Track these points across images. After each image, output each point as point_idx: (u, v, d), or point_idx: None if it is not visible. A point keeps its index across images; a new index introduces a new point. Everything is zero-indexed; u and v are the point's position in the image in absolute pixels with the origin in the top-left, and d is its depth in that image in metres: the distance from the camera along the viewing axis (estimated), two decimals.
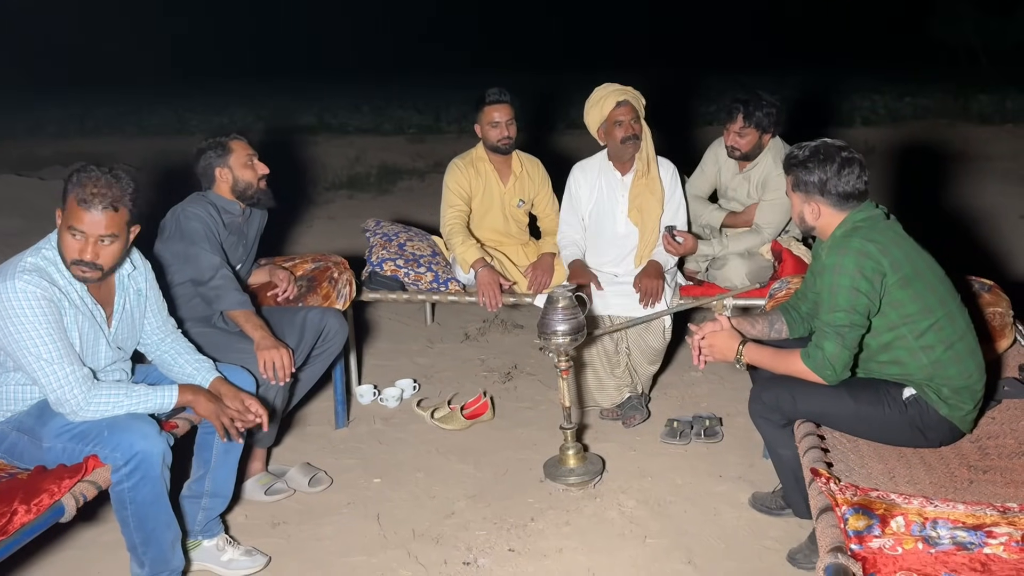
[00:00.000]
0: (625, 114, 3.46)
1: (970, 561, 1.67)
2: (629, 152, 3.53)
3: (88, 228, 2.26)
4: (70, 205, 2.26)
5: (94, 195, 2.24)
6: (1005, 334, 2.88)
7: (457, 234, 3.74)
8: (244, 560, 2.68)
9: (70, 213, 2.26)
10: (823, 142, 2.43)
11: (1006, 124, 10.18)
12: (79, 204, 2.24)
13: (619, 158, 3.58)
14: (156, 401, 2.39)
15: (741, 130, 3.62)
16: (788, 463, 2.57)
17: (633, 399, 3.61)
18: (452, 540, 2.82)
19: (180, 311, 2.92)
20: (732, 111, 3.64)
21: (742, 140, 3.64)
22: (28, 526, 2.10)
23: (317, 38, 23.31)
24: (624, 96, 3.47)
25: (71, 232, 2.27)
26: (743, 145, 3.65)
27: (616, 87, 3.51)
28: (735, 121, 3.62)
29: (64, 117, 13.25)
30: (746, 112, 3.58)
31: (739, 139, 3.64)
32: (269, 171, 3.11)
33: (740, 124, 3.61)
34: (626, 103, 3.46)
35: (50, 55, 20.37)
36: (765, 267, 3.62)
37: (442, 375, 4.19)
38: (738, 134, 3.63)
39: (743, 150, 3.66)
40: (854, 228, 2.36)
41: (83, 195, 2.24)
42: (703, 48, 19.26)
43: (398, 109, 13.31)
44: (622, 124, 3.47)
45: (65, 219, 2.28)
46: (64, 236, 2.29)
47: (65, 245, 2.30)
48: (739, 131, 3.63)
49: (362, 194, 8.29)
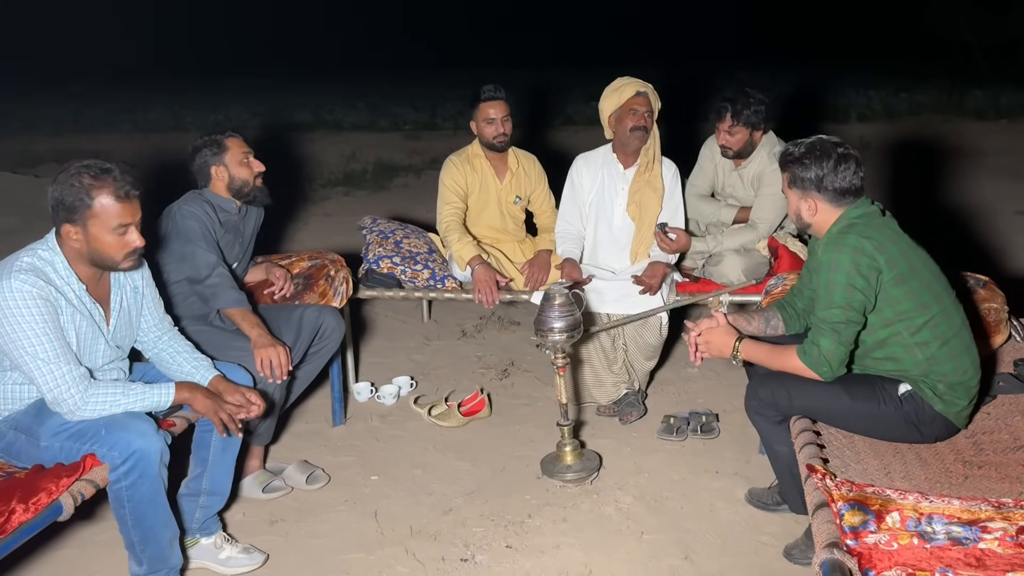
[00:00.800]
0: (641, 105, 3.47)
1: (965, 556, 1.67)
2: (635, 143, 3.53)
3: (133, 217, 2.32)
4: (107, 207, 2.26)
5: (125, 185, 2.28)
6: (1000, 330, 2.88)
7: (453, 231, 3.74)
8: (242, 558, 2.69)
9: (112, 214, 2.27)
10: (819, 138, 2.43)
11: (1001, 120, 10.21)
12: (120, 200, 2.27)
13: (624, 149, 3.58)
14: (153, 399, 2.39)
15: (731, 129, 3.62)
16: (784, 459, 2.58)
17: (630, 395, 3.61)
18: (450, 537, 2.82)
19: (177, 309, 2.91)
20: (721, 111, 3.64)
21: (733, 139, 3.64)
22: (26, 525, 2.10)
23: (313, 35, 23.25)
24: (644, 89, 3.49)
25: (119, 230, 2.30)
26: (734, 144, 3.65)
27: (639, 81, 3.53)
28: (724, 120, 3.63)
29: (59, 114, 13.22)
30: (734, 111, 3.59)
31: (730, 138, 3.65)
32: (265, 168, 3.10)
33: (729, 123, 3.62)
34: (644, 96, 3.48)
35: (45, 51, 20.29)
36: (761, 263, 3.63)
37: (439, 372, 4.20)
38: (728, 133, 3.64)
39: (735, 148, 3.67)
40: (850, 225, 2.37)
41: (119, 191, 2.27)
42: (697, 44, 19.24)
43: (394, 106, 13.29)
44: (636, 113, 3.47)
45: (105, 224, 2.27)
46: (110, 239, 2.30)
47: (116, 245, 2.31)
48: (729, 130, 3.63)
49: (358, 191, 8.29)
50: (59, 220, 2.29)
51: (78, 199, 2.25)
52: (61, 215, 2.28)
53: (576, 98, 12.13)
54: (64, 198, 2.25)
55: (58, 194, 2.26)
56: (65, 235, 2.30)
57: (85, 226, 2.28)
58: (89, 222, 2.27)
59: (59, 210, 2.27)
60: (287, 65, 20.37)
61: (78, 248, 2.32)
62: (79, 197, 2.25)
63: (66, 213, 2.27)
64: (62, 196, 2.26)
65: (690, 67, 14.19)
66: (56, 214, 2.29)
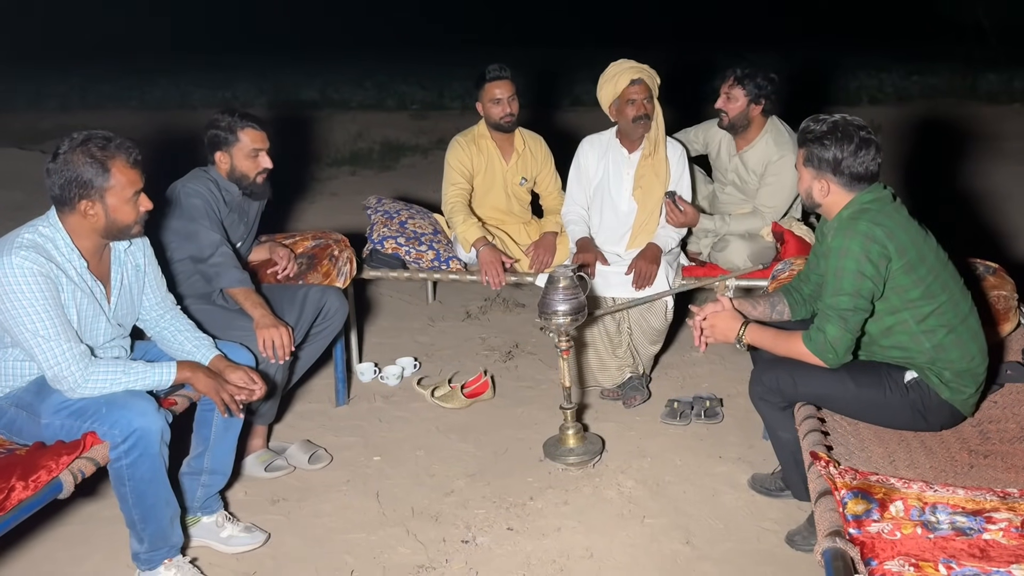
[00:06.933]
0: (638, 93, 3.42)
1: (969, 547, 1.66)
2: (640, 131, 3.49)
3: (142, 180, 2.35)
4: (123, 174, 2.28)
5: (133, 151, 2.31)
6: (1009, 317, 2.85)
7: (459, 212, 3.72)
8: (243, 536, 2.69)
9: (128, 182, 2.29)
10: (843, 118, 2.36)
11: (1014, 104, 10.09)
12: (132, 166, 2.30)
13: (629, 136, 3.54)
14: (154, 378, 2.39)
15: (731, 91, 3.55)
16: (788, 445, 2.57)
17: (634, 379, 3.60)
18: (451, 518, 2.82)
19: (180, 288, 2.90)
20: (726, 73, 3.59)
21: (731, 104, 3.56)
22: (26, 502, 2.10)
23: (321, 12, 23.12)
24: (639, 74, 3.42)
25: (135, 198, 2.33)
26: (731, 109, 3.57)
27: (631, 64, 3.46)
28: (727, 81, 3.57)
29: (67, 90, 13.19)
30: (739, 75, 3.53)
31: (728, 102, 3.57)
32: (272, 167, 3.05)
33: (731, 83, 3.55)
34: (640, 81, 3.42)
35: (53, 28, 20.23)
36: (767, 248, 3.59)
37: (443, 353, 4.19)
38: (728, 96, 3.57)
39: (731, 115, 3.59)
40: (861, 210, 2.32)
41: (129, 158, 2.30)
42: (707, 25, 19.07)
43: (401, 84, 13.22)
44: (635, 103, 3.42)
45: (122, 193, 2.29)
46: (127, 207, 2.32)
47: (133, 212, 2.34)
48: (729, 92, 3.56)
49: (365, 170, 8.26)
50: (72, 198, 2.26)
51: (96, 173, 2.25)
52: (75, 192, 2.25)
53: (585, 78, 12.02)
54: (80, 175, 2.24)
55: (71, 173, 2.24)
56: (82, 211, 2.28)
57: (103, 198, 2.28)
58: (107, 194, 2.28)
59: (72, 188, 2.25)
60: (295, 43, 20.28)
61: (94, 222, 2.31)
62: (96, 171, 2.24)
63: (82, 189, 2.25)
64: (77, 173, 2.24)
65: (700, 48, 14.07)
66: (67, 193, 2.26)
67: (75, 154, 2.24)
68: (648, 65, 3.49)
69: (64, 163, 2.24)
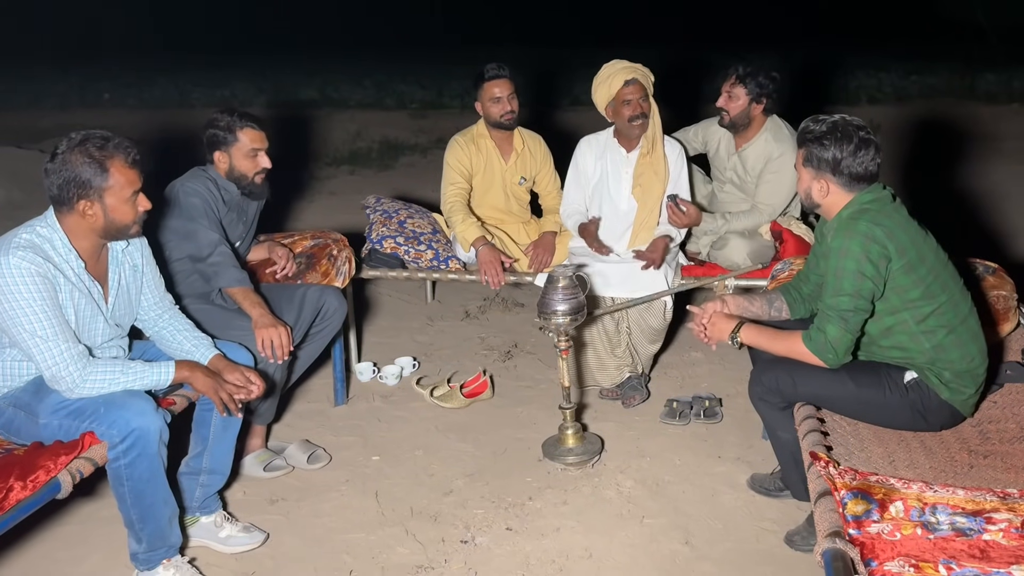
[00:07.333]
0: (633, 93, 3.42)
1: (969, 547, 1.66)
2: (637, 131, 3.49)
3: (141, 180, 2.34)
4: (122, 174, 2.27)
5: (131, 151, 2.30)
6: (1009, 317, 2.85)
7: (458, 212, 3.71)
8: (242, 536, 2.69)
9: (127, 182, 2.29)
10: (842, 118, 2.36)
11: (1013, 104, 10.09)
12: (131, 166, 2.30)
13: (626, 136, 3.55)
14: (153, 378, 2.38)
15: (732, 90, 3.55)
16: (787, 446, 2.56)
17: (633, 379, 3.60)
18: (450, 518, 2.82)
19: (178, 287, 2.90)
20: (729, 72, 3.58)
21: (732, 103, 3.56)
22: (24, 502, 2.10)
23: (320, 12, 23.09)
24: (633, 74, 3.42)
25: (134, 197, 2.32)
26: (732, 108, 3.57)
27: (625, 64, 3.46)
28: (728, 79, 3.57)
29: (65, 89, 13.17)
30: (741, 73, 3.53)
31: (729, 101, 3.56)
32: (271, 166, 3.05)
33: (732, 82, 3.55)
34: (635, 81, 3.41)
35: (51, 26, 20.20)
36: (767, 247, 3.59)
37: (442, 353, 4.18)
38: (729, 95, 3.56)
39: (732, 113, 3.59)
40: (861, 210, 2.32)
41: (127, 158, 2.29)
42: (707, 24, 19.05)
43: (400, 83, 13.20)
44: (630, 103, 3.42)
45: (121, 193, 2.29)
46: (126, 207, 2.32)
47: (132, 212, 2.34)
48: (730, 91, 3.56)
49: (364, 169, 8.25)
50: (70, 198, 2.26)
51: (95, 173, 2.24)
52: (74, 193, 2.25)
53: (584, 78, 12.00)
54: (79, 175, 2.23)
55: (69, 173, 2.23)
56: (80, 211, 2.28)
57: (102, 198, 2.28)
58: (106, 194, 2.27)
59: (70, 188, 2.24)
60: (293, 42, 20.25)
61: (93, 222, 2.30)
62: (94, 171, 2.24)
63: (80, 190, 2.25)
64: (76, 173, 2.23)
65: (700, 48, 14.06)
66: (65, 192, 2.25)
67: (73, 154, 2.24)
68: (641, 64, 3.49)
69: (62, 163, 2.24)
